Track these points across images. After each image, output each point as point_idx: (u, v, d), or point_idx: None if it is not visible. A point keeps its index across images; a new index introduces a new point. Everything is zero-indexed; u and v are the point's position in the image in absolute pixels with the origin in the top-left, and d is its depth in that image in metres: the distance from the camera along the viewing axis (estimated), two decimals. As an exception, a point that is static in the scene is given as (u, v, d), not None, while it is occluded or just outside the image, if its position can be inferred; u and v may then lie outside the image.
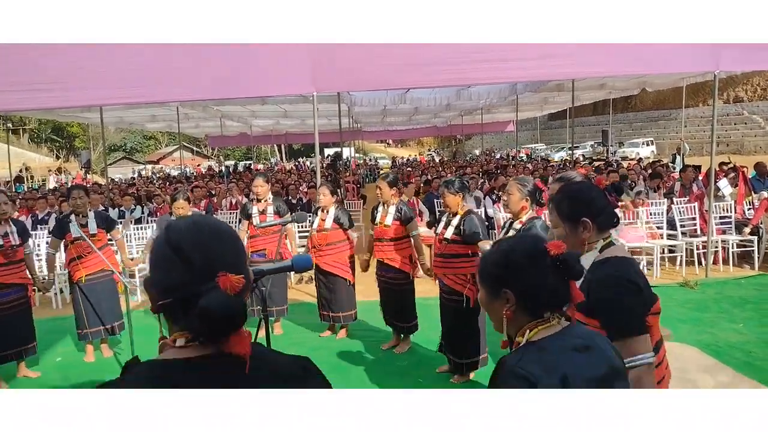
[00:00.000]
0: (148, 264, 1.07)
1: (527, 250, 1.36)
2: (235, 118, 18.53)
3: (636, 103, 37.41)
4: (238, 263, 1.04)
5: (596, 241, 1.88)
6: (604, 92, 16.72)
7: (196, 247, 1.01)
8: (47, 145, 44.49)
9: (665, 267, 7.46)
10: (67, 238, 4.79)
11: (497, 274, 1.38)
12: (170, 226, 1.06)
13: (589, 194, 1.92)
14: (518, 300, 1.33)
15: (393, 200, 4.78)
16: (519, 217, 3.49)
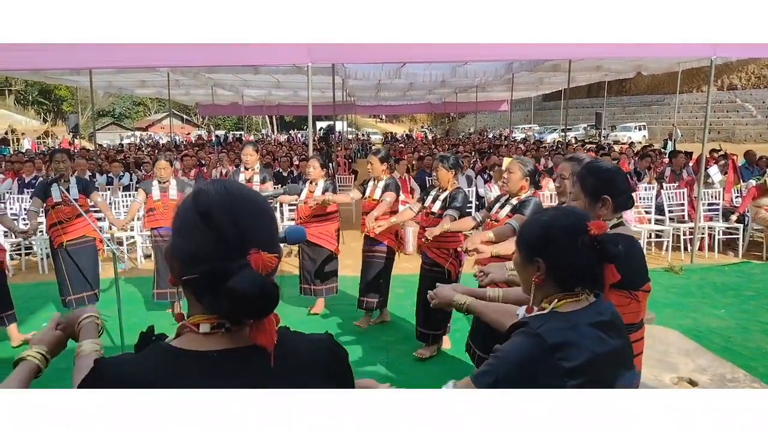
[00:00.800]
0: (172, 230, 0.96)
1: (567, 225, 1.37)
2: (227, 86, 18.24)
3: (630, 87, 37.40)
4: (272, 240, 0.95)
5: (610, 219, 1.97)
6: (600, 74, 16.63)
7: (227, 215, 0.90)
8: (34, 107, 43.68)
9: (651, 251, 7.54)
10: (48, 202, 4.74)
11: (533, 242, 1.40)
12: (199, 189, 0.95)
13: (614, 174, 2.01)
14: (548, 271, 1.36)
15: (383, 176, 4.78)
16: (517, 194, 3.51)
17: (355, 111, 29.27)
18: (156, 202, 5.11)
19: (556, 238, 1.35)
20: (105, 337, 4.67)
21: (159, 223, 5.13)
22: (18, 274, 6.84)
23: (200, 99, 23.09)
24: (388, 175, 4.83)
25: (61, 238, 4.75)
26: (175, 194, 5.16)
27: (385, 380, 3.92)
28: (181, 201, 0.98)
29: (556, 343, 1.23)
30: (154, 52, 6.20)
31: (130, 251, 7.54)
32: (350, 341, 4.60)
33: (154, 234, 5.22)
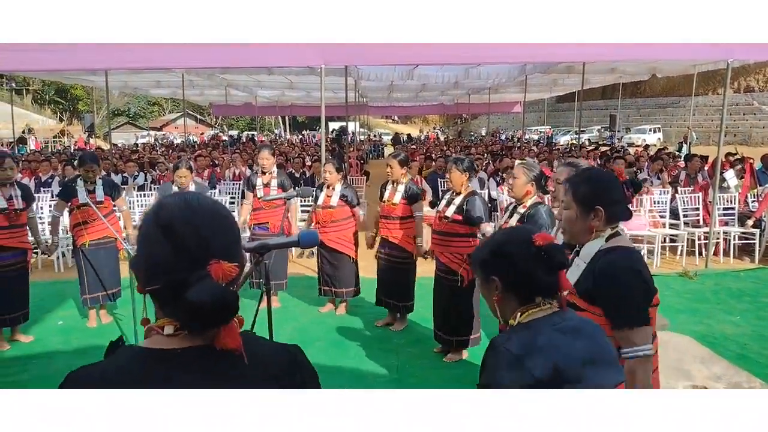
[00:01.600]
0: (137, 241, 0.99)
1: (514, 240, 1.46)
2: (241, 87, 18.37)
3: (645, 89, 37.05)
4: (233, 249, 0.97)
5: (604, 230, 1.89)
6: (614, 76, 16.51)
7: (187, 228, 0.93)
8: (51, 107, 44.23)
9: (665, 256, 7.47)
10: (74, 203, 4.78)
11: (484, 260, 1.47)
12: (161, 203, 0.99)
13: (607, 184, 1.93)
14: (505, 286, 1.42)
15: (403, 179, 4.77)
16: (523, 201, 3.49)
17: (368, 112, 29.31)
18: None
19: (505, 254, 1.42)
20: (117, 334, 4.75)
21: None
22: (34, 272, 6.90)
23: (214, 99, 23.26)
24: (407, 178, 4.83)
25: (83, 238, 4.79)
26: None
27: (398, 383, 3.92)
28: (144, 216, 1.01)
29: (522, 353, 1.27)
30: (168, 53, 6.25)
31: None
32: (362, 343, 4.60)
33: None
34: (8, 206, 4.35)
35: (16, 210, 4.41)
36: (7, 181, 4.38)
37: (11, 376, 4.05)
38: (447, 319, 4.24)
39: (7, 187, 4.38)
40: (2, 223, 4.33)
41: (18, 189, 4.49)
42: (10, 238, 4.40)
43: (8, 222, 4.36)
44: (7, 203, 4.34)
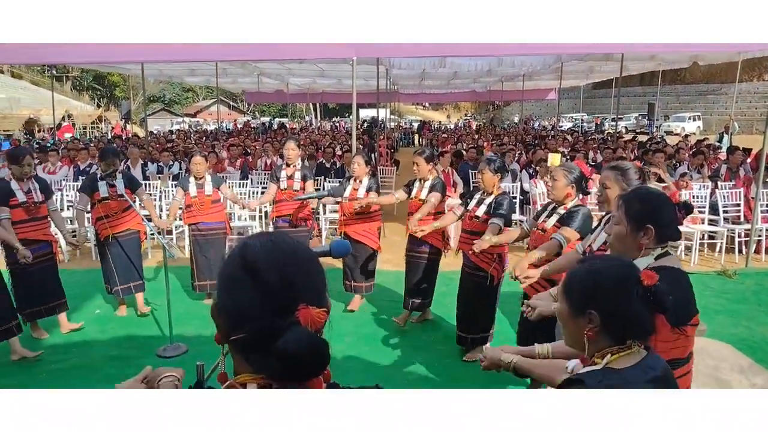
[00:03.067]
0: (218, 287, 0.95)
1: (619, 274, 1.35)
2: (273, 75, 18.46)
3: (685, 76, 35.90)
4: (320, 293, 0.92)
5: (654, 248, 1.87)
6: (654, 63, 16.04)
7: (274, 270, 0.88)
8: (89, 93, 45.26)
9: (704, 253, 7.26)
10: (95, 197, 4.88)
11: (585, 293, 1.36)
12: (245, 244, 0.93)
13: (661, 204, 1.90)
14: (603, 323, 1.32)
15: (429, 176, 4.74)
16: (564, 203, 3.42)
17: (399, 99, 29.13)
18: (193, 199, 5.22)
19: (608, 289, 1.32)
20: (155, 328, 4.86)
21: (197, 218, 5.25)
22: (72, 260, 7.13)
23: (247, 87, 23.47)
24: (434, 174, 4.79)
25: (107, 231, 4.90)
26: (211, 190, 5.26)
27: (426, 382, 3.92)
28: (227, 256, 0.96)
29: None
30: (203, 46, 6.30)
31: (178, 239, 7.76)
32: (390, 339, 4.62)
33: (192, 229, 5.35)
34: (27, 199, 4.44)
35: (36, 203, 4.50)
36: (25, 177, 4.48)
37: (54, 364, 4.19)
38: (468, 315, 4.25)
39: (24, 181, 4.48)
40: (23, 216, 4.41)
41: (36, 182, 4.58)
42: (34, 231, 4.48)
43: (28, 215, 4.45)
44: (26, 196, 4.44)
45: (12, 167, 4.46)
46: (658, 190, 2.03)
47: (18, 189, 4.42)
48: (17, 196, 4.40)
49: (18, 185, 4.43)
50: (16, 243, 4.24)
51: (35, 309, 4.58)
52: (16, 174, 4.44)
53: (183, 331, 4.65)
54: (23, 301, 4.51)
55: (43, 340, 4.62)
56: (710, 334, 4.22)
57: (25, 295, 4.50)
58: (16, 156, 4.50)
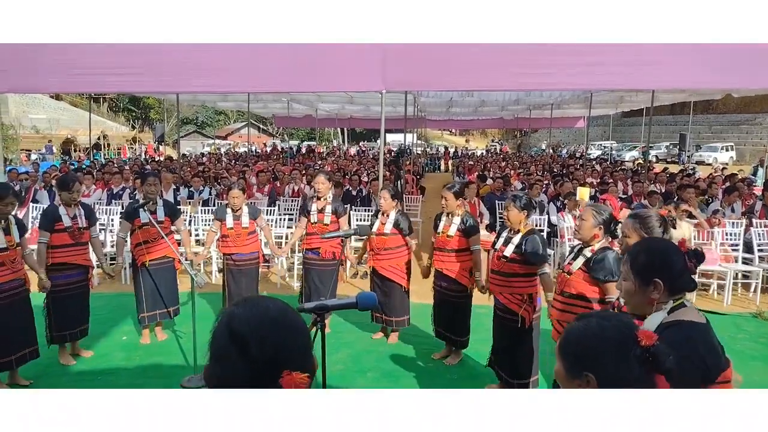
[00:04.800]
0: (208, 353, 1.02)
1: (616, 336, 1.30)
2: (302, 101, 18.85)
3: (718, 105, 35.32)
4: (304, 357, 0.99)
5: (666, 302, 1.80)
6: (685, 95, 15.86)
7: (261, 342, 0.95)
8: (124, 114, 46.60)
9: (737, 293, 7.03)
10: (136, 222, 4.99)
11: (579, 354, 1.32)
12: (232, 315, 1.00)
13: (667, 255, 1.83)
14: (600, 387, 1.28)
15: (458, 211, 4.70)
16: (591, 244, 3.36)
17: (426, 125, 29.33)
18: (229, 230, 5.30)
19: (604, 351, 1.28)
20: (180, 357, 4.90)
21: (231, 249, 5.32)
22: (103, 283, 7.26)
23: (277, 111, 23.92)
24: (463, 210, 4.75)
25: (144, 257, 5.00)
26: (248, 222, 5.32)
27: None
28: (216, 323, 1.01)
29: None
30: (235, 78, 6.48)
31: (206, 264, 7.85)
32: (415, 377, 4.57)
33: (227, 258, 5.42)
34: (72, 225, 4.58)
35: (80, 228, 4.65)
36: (72, 202, 4.62)
37: (79, 392, 4.25)
38: (507, 361, 4.12)
39: (71, 207, 4.63)
40: (67, 241, 4.56)
41: (82, 209, 4.73)
42: (76, 255, 4.63)
43: (73, 240, 4.59)
44: (71, 222, 4.59)
45: (62, 193, 4.64)
46: (665, 241, 1.97)
47: (65, 214, 4.59)
48: (63, 220, 4.57)
49: (65, 210, 4.60)
50: (41, 273, 4.37)
51: (65, 333, 4.67)
52: (65, 200, 4.61)
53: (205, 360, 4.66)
54: (56, 324, 4.61)
55: (70, 367, 4.69)
56: (746, 383, 4.06)
57: (58, 318, 4.61)
58: (66, 183, 4.68)
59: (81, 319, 4.79)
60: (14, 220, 4.23)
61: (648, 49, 5.52)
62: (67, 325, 4.67)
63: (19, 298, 4.16)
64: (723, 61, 5.73)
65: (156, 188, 5.10)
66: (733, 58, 5.65)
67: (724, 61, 5.73)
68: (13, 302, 4.11)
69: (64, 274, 4.58)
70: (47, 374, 4.48)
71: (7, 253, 4.06)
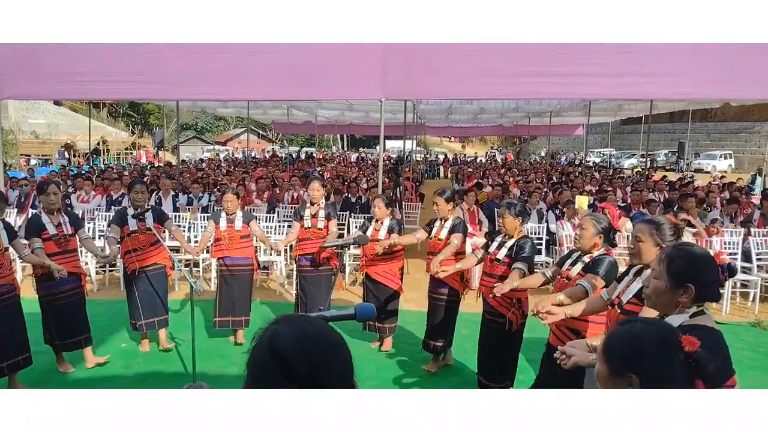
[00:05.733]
0: (247, 370, 0.99)
1: (660, 340, 1.34)
2: (302, 107, 18.89)
3: (716, 113, 35.44)
4: (346, 378, 0.97)
5: (690, 307, 1.87)
6: (684, 103, 15.95)
7: (303, 362, 0.93)
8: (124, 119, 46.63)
9: (736, 302, 7.05)
10: (125, 230, 4.97)
11: (625, 356, 1.36)
12: (275, 333, 0.97)
13: (705, 265, 1.89)
14: (643, 388, 1.32)
15: (450, 215, 4.75)
16: (590, 252, 3.40)
17: (425, 132, 29.37)
18: (222, 233, 5.31)
19: (649, 354, 1.32)
20: (179, 364, 4.89)
21: (224, 253, 5.33)
22: (102, 290, 7.26)
23: (276, 118, 23.96)
24: (454, 215, 4.80)
25: (134, 265, 4.96)
26: (240, 226, 5.34)
27: None
28: (256, 339, 1.00)
29: None
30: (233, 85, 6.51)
31: (205, 271, 7.85)
32: (413, 385, 4.57)
33: (219, 263, 5.41)
34: (57, 233, 4.56)
35: (66, 236, 4.62)
36: (53, 208, 4.58)
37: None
38: (490, 362, 4.19)
39: (54, 214, 4.60)
40: (54, 249, 4.52)
41: (66, 216, 4.71)
42: (64, 264, 4.54)
43: (59, 248, 4.56)
44: (56, 230, 4.56)
45: (40, 197, 4.63)
46: (703, 250, 2.00)
47: (49, 222, 4.56)
48: (48, 229, 4.53)
49: (49, 218, 4.57)
50: (48, 261, 4.33)
51: (63, 342, 4.65)
52: (45, 204, 4.59)
53: (207, 369, 4.67)
54: (51, 334, 4.60)
55: (69, 374, 4.68)
56: (744, 392, 4.08)
57: (53, 327, 4.59)
58: (41, 186, 4.68)
59: (80, 328, 4.75)
60: (2, 224, 4.20)
61: (647, 59, 5.57)
62: (65, 334, 4.64)
63: (8, 303, 4.13)
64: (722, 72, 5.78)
65: (143, 195, 5.06)
66: (732, 68, 5.70)
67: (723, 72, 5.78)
68: (2, 308, 4.08)
69: (55, 283, 4.51)
70: (46, 381, 4.48)
71: None
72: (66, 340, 4.65)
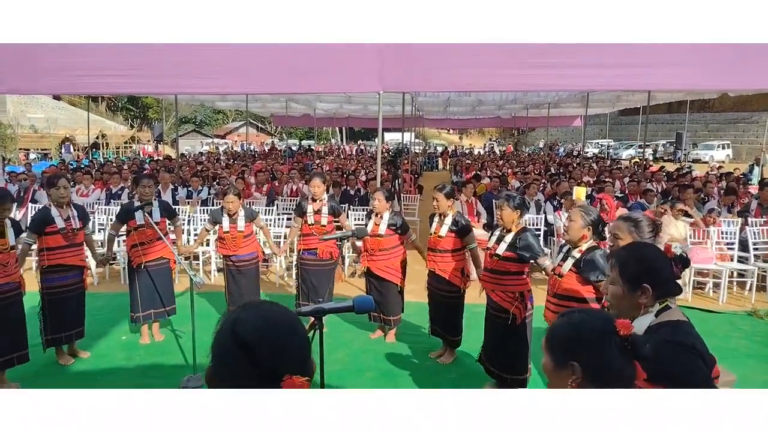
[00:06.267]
0: (211, 354, 1.05)
1: (597, 327, 1.39)
2: (301, 100, 18.88)
3: (714, 104, 35.43)
4: (305, 361, 1.02)
5: (652, 305, 1.87)
6: (682, 94, 15.95)
7: (264, 345, 0.98)
8: (122, 113, 46.56)
9: (733, 292, 7.09)
10: (131, 224, 5.00)
11: (565, 346, 1.41)
12: (237, 318, 1.03)
13: (655, 262, 1.89)
14: (584, 374, 1.36)
15: (450, 211, 4.76)
16: (578, 245, 3.42)
17: (423, 124, 29.37)
18: (225, 233, 5.33)
19: (588, 340, 1.37)
20: (180, 357, 4.93)
21: (229, 252, 5.36)
22: (102, 283, 7.29)
23: (275, 111, 23.95)
24: (454, 210, 4.81)
25: (140, 259, 5.00)
26: (243, 225, 5.35)
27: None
28: (220, 325, 1.05)
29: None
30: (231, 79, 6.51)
31: (205, 264, 7.87)
32: (413, 377, 4.60)
33: (225, 260, 5.45)
34: (66, 226, 4.59)
35: (74, 230, 4.65)
36: (63, 201, 4.61)
37: (80, 392, 4.28)
38: (501, 359, 4.17)
39: (63, 207, 4.63)
40: (61, 243, 4.56)
41: (74, 210, 4.74)
42: (72, 257, 4.62)
43: (67, 241, 4.59)
44: (65, 223, 4.59)
45: (50, 191, 4.64)
46: (652, 246, 2.02)
47: (58, 216, 4.58)
48: (56, 222, 4.55)
49: (58, 212, 4.60)
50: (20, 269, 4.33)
51: (60, 335, 4.67)
52: (55, 198, 4.61)
53: (207, 361, 4.69)
54: (51, 327, 4.61)
55: (69, 367, 4.71)
56: (741, 381, 4.11)
57: (53, 321, 4.61)
58: (51, 180, 4.69)
59: (77, 321, 4.80)
60: (10, 222, 4.21)
61: (644, 50, 5.57)
62: (63, 328, 4.66)
63: (11, 302, 4.16)
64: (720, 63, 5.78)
65: (150, 190, 5.10)
66: (730, 59, 5.70)
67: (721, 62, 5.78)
68: (3, 306, 4.10)
69: (59, 276, 4.57)
70: (45, 374, 4.50)
71: (1, 256, 4.06)
72: (63, 333, 4.67)
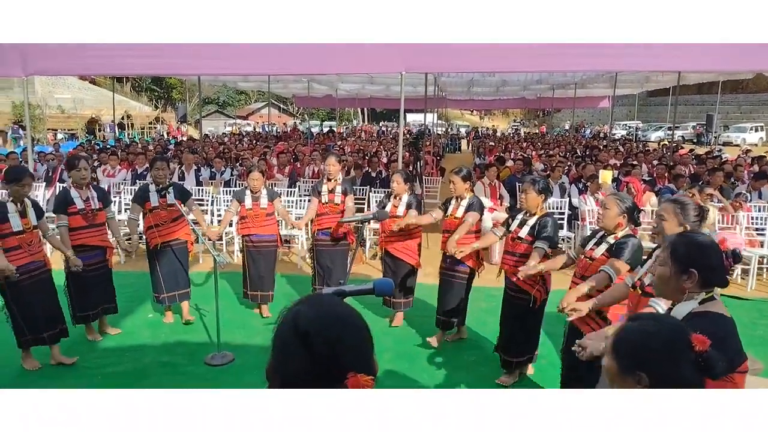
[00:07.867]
0: (272, 349, 1.03)
1: (669, 338, 1.34)
2: (323, 81, 18.83)
3: (747, 84, 34.34)
4: (368, 359, 1.00)
5: (698, 293, 1.89)
6: (713, 74, 15.49)
7: (326, 341, 0.96)
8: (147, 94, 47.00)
9: (762, 278, 6.95)
10: (146, 206, 5.06)
11: (633, 353, 1.36)
12: (299, 311, 1.02)
13: (708, 250, 1.91)
14: (651, 386, 1.32)
15: (466, 194, 4.73)
16: (614, 232, 3.37)
17: (446, 105, 29.08)
18: (248, 211, 5.36)
19: (659, 352, 1.32)
20: (204, 335, 5.02)
21: (251, 230, 5.39)
22: (128, 262, 7.43)
23: (297, 92, 23.94)
24: (471, 193, 4.78)
25: (156, 240, 5.06)
26: (266, 203, 5.38)
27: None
28: (281, 320, 1.03)
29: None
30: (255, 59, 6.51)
31: (228, 244, 7.97)
32: (431, 358, 4.63)
33: (245, 239, 5.50)
34: (85, 207, 4.66)
35: (93, 210, 4.72)
36: (83, 183, 4.68)
37: (108, 368, 4.39)
38: (512, 339, 4.20)
39: (83, 189, 4.70)
40: (81, 223, 4.64)
41: (94, 191, 4.81)
42: (92, 237, 4.69)
43: (86, 222, 4.67)
44: (84, 204, 4.66)
45: (71, 173, 4.72)
46: (707, 237, 2.01)
47: (77, 197, 4.66)
48: (76, 203, 4.63)
49: (77, 193, 4.67)
50: (68, 252, 4.48)
51: (87, 313, 4.79)
52: (75, 180, 4.68)
53: (231, 339, 4.79)
54: (78, 305, 4.74)
55: (97, 343, 4.84)
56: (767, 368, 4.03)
57: (79, 299, 4.73)
58: (71, 162, 4.76)
59: (105, 298, 4.91)
60: (31, 202, 4.30)
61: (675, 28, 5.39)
62: (89, 306, 4.78)
63: (38, 279, 4.26)
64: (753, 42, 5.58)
65: (164, 172, 5.12)
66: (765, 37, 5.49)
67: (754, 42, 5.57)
68: (33, 284, 4.20)
69: (82, 255, 4.62)
70: (75, 351, 4.62)
71: (24, 236, 4.14)
72: (88, 312, 4.78)
